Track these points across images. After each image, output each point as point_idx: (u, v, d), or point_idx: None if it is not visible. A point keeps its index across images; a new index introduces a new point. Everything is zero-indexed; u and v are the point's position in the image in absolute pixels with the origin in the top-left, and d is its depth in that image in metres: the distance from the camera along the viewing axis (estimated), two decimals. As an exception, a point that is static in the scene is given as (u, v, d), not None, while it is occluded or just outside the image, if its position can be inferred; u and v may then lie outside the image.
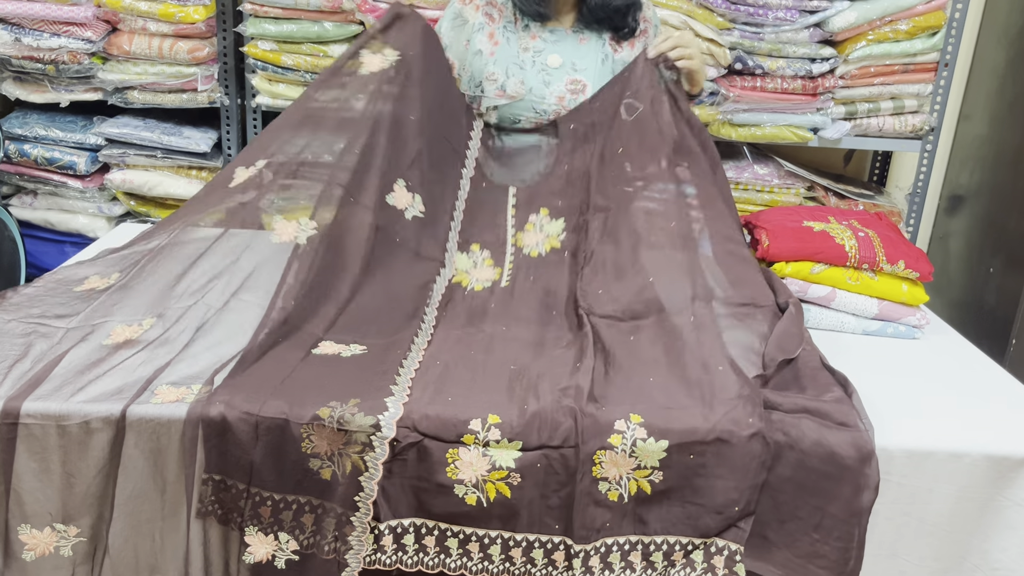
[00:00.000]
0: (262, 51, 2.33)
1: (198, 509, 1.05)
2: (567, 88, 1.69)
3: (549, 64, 1.70)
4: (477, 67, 1.71)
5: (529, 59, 1.70)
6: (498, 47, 1.70)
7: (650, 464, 1.06)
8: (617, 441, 1.05)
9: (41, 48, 2.29)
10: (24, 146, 2.42)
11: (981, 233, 2.73)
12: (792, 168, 2.45)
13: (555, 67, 1.70)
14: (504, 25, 1.71)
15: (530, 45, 1.71)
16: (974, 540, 1.13)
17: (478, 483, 1.03)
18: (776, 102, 2.33)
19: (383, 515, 1.05)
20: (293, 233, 1.30)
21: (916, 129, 2.40)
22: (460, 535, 1.06)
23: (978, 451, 1.10)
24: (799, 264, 1.41)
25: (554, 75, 1.69)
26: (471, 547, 1.05)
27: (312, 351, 1.20)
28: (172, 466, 1.06)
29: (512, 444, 1.05)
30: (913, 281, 1.43)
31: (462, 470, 1.04)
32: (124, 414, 1.05)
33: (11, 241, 2.43)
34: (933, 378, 1.30)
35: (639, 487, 1.06)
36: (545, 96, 1.69)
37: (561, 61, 1.70)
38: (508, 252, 1.47)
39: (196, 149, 2.40)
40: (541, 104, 1.69)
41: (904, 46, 2.30)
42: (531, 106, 1.70)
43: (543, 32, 1.72)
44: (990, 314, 2.61)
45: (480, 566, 1.05)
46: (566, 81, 1.69)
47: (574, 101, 1.69)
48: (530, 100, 1.70)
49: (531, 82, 1.69)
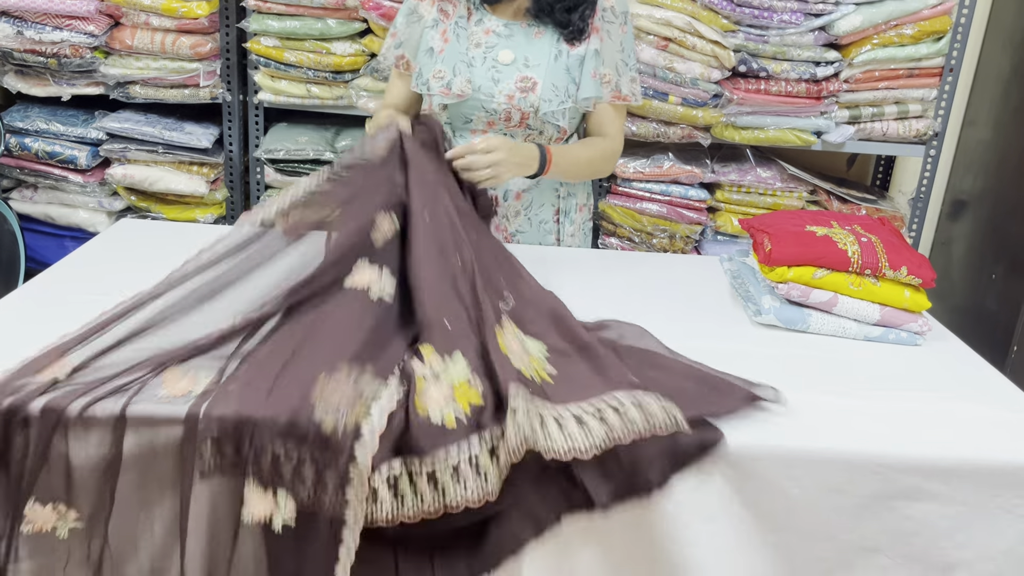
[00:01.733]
0: (265, 47, 2.33)
1: (201, 471, 1.04)
2: (517, 86, 1.62)
3: (500, 60, 1.64)
4: (426, 64, 1.66)
5: (480, 55, 1.65)
6: (448, 44, 1.64)
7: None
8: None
9: (43, 41, 2.28)
10: (25, 139, 2.42)
11: (984, 239, 2.73)
12: (795, 172, 2.44)
13: (506, 63, 1.63)
14: (456, 21, 1.66)
15: (482, 40, 1.66)
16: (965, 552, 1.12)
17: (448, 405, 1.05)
18: (780, 105, 2.32)
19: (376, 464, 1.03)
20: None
21: (920, 134, 2.39)
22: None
23: (975, 457, 1.10)
24: (801, 269, 1.41)
25: (504, 72, 1.63)
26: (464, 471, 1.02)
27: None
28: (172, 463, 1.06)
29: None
30: (915, 287, 1.42)
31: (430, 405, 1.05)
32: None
33: (11, 235, 2.43)
34: (932, 384, 1.29)
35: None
36: (494, 94, 1.63)
37: (513, 57, 1.63)
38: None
39: (197, 145, 2.40)
40: (490, 103, 1.63)
41: (909, 50, 2.29)
42: (480, 104, 1.64)
43: (497, 26, 1.66)
44: (992, 320, 2.61)
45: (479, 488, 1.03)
46: (516, 78, 1.63)
47: (524, 100, 1.62)
48: (478, 98, 1.64)
49: (479, 80, 1.63)
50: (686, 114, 2.33)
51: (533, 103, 1.63)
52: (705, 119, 2.34)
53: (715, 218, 2.49)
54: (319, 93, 2.39)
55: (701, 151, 2.53)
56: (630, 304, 1.45)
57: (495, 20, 1.67)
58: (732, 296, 1.55)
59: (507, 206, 1.73)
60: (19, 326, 1.25)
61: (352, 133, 2.46)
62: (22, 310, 1.30)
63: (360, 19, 2.31)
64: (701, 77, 2.28)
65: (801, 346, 1.38)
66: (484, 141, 1.49)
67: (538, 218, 1.78)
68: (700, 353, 1.29)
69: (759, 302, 1.45)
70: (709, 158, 2.51)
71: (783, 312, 1.42)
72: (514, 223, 1.76)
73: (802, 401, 1.17)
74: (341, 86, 2.39)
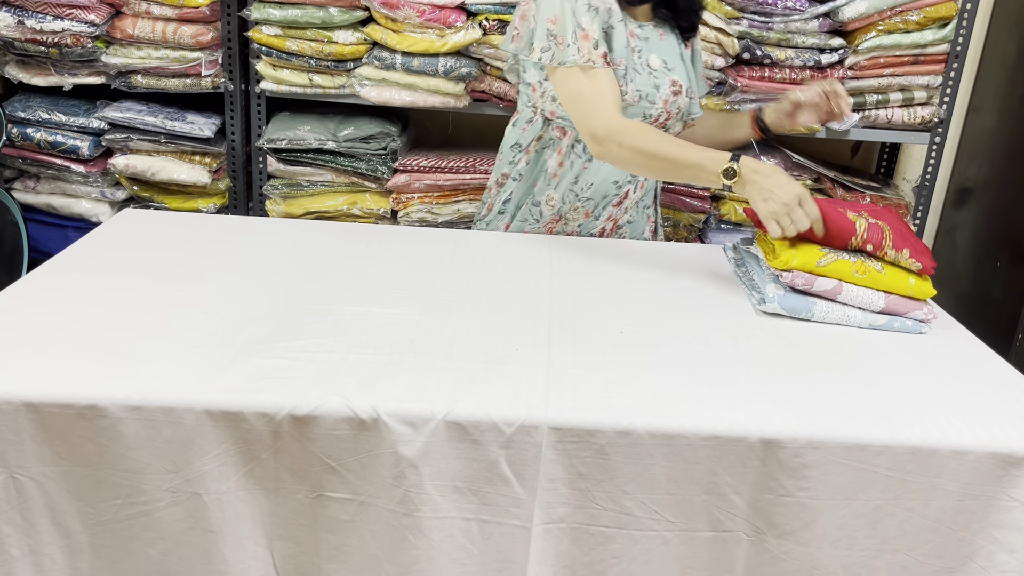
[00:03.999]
0: (266, 36, 2.32)
1: None
2: (670, 90, 1.60)
3: (651, 65, 1.60)
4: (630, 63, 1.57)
5: (636, 60, 1.59)
6: (622, 48, 1.58)
7: None
8: None
9: (44, 31, 2.27)
10: (27, 129, 2.41)
11: (989, 227, 2.72)
12: (799, 159, 2.43)
13: (655, 68, 1.60)
14: (619, 23, 1.59)
15: (634, 46, 1.60)
16: (980, 540, 1.12)
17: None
18: (784, 92, 2.30)
19: None
20: None
21: (925, 121, 2.38)
22: None
23: (982, 447, 1.09)
24: (806, 256, 1.40)
25: (659, 77, 1.60)
26: None
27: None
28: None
29: None
30: (919, 274, 1.41)
31: None
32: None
33: (13, 225, 2.43)
34: (938, 373, 1.29)
35: None
36: (655, 100, 1.59)
37: (660, 61, 1.60)
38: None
39: (199, 135, 2.39)
40: (651, 108, 1.60)
41: (914, 37, 2.28)
42: (642, 111, 1.61)
43: (635, 28, 1.62)
44: (996, 308, 2.60)
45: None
46: (668, 83, 1.60)
47: (674, 103, 1.60)
48: (643, 105, 1.60)
49: (643, 86, 1.58)
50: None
51: (682, 106, 1.64)
52: (709, 106, 2.33)
53: (719, 206, 2.48)
54: (321, 82, 2.38)
55: (705, 139, 2.52)
56: (633, 293, 1.45)
57: (632, 23, 1.64)
58: (736, 285, 1.54)
59: (633, 199, 1.75)
60: (22, 316, 1.25)
61: (355, 122, 2.45)
62: (25, 300, 1.30)
63: (362, 7, 2.30)
64: (705, 64, 2.27)
65: (805, 335, 1.38)
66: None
67: (642, 203, 1.81)
68: (703, 343, 1.29)
69: (763, 291, 1.44)
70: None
71: (787, 300, 1.42)
72: (629, 213, 1.77)
73: (807, 390, 1.17)
74: (343, 75, 2.38)
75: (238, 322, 1.25)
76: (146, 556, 1.11)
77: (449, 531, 1.09)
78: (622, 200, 1.74)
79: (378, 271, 1.48)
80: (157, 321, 1.24)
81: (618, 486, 1.08)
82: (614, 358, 1.22)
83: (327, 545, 1.10)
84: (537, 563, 1.11)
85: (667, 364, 1.21)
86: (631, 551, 1.11)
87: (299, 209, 2.48)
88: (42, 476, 1.08)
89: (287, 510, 1.10)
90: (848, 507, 1.10)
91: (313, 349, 1.18)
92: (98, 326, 1.22)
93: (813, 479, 1.09)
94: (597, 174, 1.69)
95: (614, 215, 1.75)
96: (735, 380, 1.18)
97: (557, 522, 1.10)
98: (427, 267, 1.50)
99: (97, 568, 1.12)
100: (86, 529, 1.10)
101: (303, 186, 2.48)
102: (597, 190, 1.70)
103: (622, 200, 1.74)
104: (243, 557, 1.11)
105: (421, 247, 1.60)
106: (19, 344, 1.16)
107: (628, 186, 1.71)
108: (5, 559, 1.10)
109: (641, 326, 1.33)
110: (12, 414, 1.05)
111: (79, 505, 1.09)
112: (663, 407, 1.10)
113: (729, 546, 1.12)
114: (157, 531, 1.10)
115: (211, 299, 1.32)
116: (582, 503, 1.09)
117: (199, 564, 1.11)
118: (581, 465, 1.07)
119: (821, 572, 1.12)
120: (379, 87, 2.36)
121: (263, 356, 1.16)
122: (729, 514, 1.10)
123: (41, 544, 1.10)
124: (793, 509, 1.10)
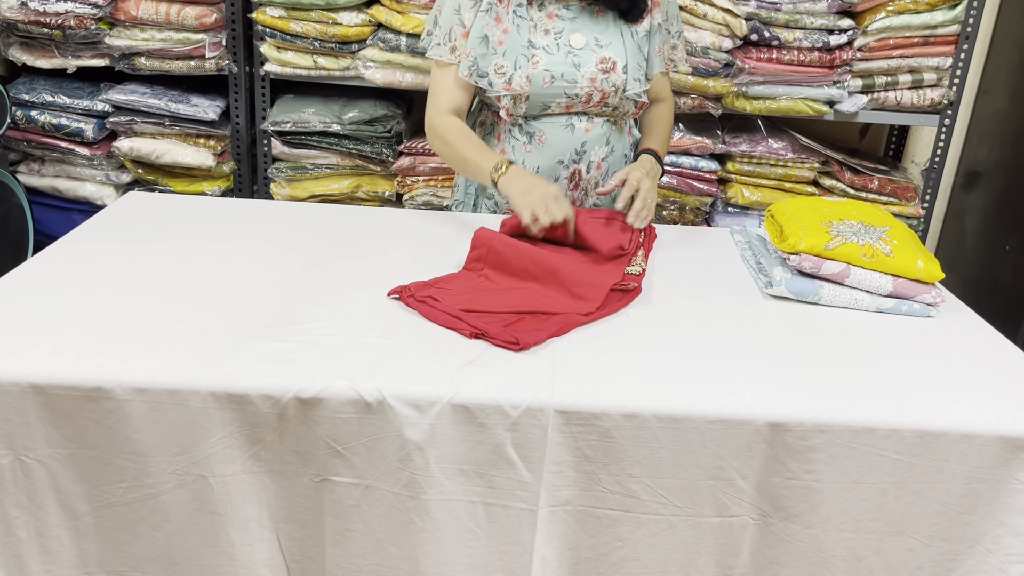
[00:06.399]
0: (270, 17, 2.31)
1: None
2: (598, 68, 1.60)
3: (574, 45, 1.60)
4: (483, 55, 1.59)
5: (552, 42, 1.60)
6: (508, 36, 1.59)
7: None
8: None
9: (47, 13, 2.26)
10: (31, 112, 2.41)
11: (998, 210, 2.70)
12: (807, 142, 2.42)
13: (580, 47, 1.60)
14: (515, 9, 1.59)
15: (549, 26, 1.61)
16: (986, 523, 1.12)
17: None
18: (792, 74, 2.29)
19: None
20: None
21: (935, 103, 2.36)
22: None
23: (990, 431, 1.09)
24: (814, 239, 1.39)
25: (582, 56, 1.60)
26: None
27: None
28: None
29: None
30: (929, 257, 1.41)
31: None
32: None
33: (19, 208, 2.43)
34: (946, 356, 1.28)
35: None
36: (577, 79, 1.60)
37: (585, 40, 1.61)
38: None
39: (204, 117, 2.39)
40: (573, 88, 1.60)
41: (924, 18, 2.25)
42: (563, 91, 1.61)
43: (558, 9, 1.62)
44: (1005, 292, 2.59)
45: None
46: (596, 60, 1.60)
47: (606, 81, 1.60)
48: (561, 85, 1.60)
49: (560, 67, 1.59)
50: (697, 84, 2.30)
51: (615, 83, 1.62)
52: (716, 89, 2.31)
53: (726, 189, 2.47)
54: (326, 64, 2.36)
55: (712, 122, 2.50)
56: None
57: (555, 4, 1.63)
58: (743, 268, 1.54)
59: (589, 178, 1.71)
60: (28, 299, 1.24)
61: (360, 104, 2.44)
62: (31, 283, 1.30)
63: (366, -12, 2.28)
64: (712, 46, 2.25)
65: (813, 318, 1.37)
66: (628, 178, 1.54)
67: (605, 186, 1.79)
68: (710, 326, 1.28)
69: (771, 274, 1.44)
70: (720, 129, 2.48)
71: (795, 284, 1.41)
72: (592, 196, 1.74)
73: (813, 373, 1.16)
74: (348, 57, 2.37)
75: (243, 305, 1.25)
76: (152, 538, 1.11)
77: (455, 514, 1.09)
78: (577, 183, 1.70)
79: (383, 254, 1.48)
80: (162, 304, 1.24)
81: (624, 469, 1.08)
82: (620, 341, 1.22)
83: (331, 529, 1.11)
84: (543, 545, 1.11)
85: (673, 347, 1.21)
86: (636, 534, 1.11)
87: (304, 192, 2.47)
88: (49, 458, 1.08)
89: (292, 492, 1.11)
90: (855, 490, 1.10)
91: (318, 332, 1.18)
92: (104, 309, 1.22)
93: (820, 462, 1.08)
94: (541, 155, 1.66)
95: (576, 198, 1.73)
96: (742, 363, 1.18)
97: (563, 505, 1.10)
98: (432, 250, 1.50)
99: (104, 550, 1.13)
100: (92, 511, 1.10)
101: (308, 169, 2.47)
102: (545, 174, 1.67)
103: (577, 183, 1.70)
104: (249, 539, 1.12)
105: (427, 230, 1.60)
106: (25, 327, 1.16)
107: (575, 165, 1.68)
108: (12, 540, 1.10)
109: (647, 309, 1.33)
110: (18, 396, 1.05)
111: (85, 487, 1.10)
112: (669, 390, 1.10)
113: (735, 530, 1.12)
114: (163, 513, 1.10)
115: (216, 282, 1.32)
116: (588, 486, 1.09)
117: (205, 546, 1.12)
118: (587, 448, 1.07)
119: (827, 555, 1.12)
120: (384, 69, 2.35)
121: (268, 339, 1.16)
122: (736, 499, 1.10)
123: (48, 526, 1.11)
124: (799, 492, 1.10)
